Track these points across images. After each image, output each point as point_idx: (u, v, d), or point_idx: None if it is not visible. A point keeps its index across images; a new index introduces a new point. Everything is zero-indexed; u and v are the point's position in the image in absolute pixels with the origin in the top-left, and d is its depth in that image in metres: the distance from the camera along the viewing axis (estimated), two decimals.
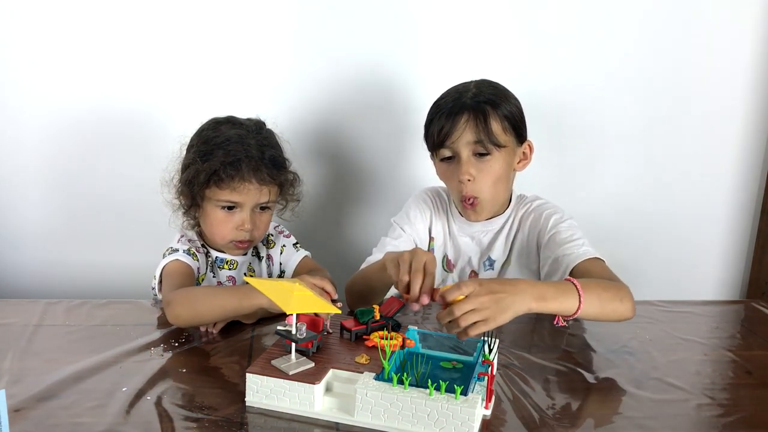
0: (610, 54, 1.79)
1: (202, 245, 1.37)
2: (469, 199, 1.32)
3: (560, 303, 1.03)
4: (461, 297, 0.96)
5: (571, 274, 1.22)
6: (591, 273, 1.19)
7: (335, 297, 1.08)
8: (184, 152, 1.35)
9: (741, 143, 1.91)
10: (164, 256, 1.30)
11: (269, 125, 1.38)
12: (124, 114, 1.68)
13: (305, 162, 1.55)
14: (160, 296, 1.31)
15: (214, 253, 1.38)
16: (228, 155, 1.25)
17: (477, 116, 1.28)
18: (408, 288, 1.04)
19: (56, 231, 1.74)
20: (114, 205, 1.73)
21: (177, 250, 1.30)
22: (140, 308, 1.27)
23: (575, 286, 1.04)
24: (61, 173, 1.70)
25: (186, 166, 1.31)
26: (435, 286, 1.44)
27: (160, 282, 1.28)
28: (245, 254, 1.41)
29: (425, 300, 1.03)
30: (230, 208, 1.29)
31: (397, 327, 1.08)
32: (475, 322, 0.95)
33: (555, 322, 1.08)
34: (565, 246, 1.28)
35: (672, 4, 1.78)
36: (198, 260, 1.32)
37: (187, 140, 1.36)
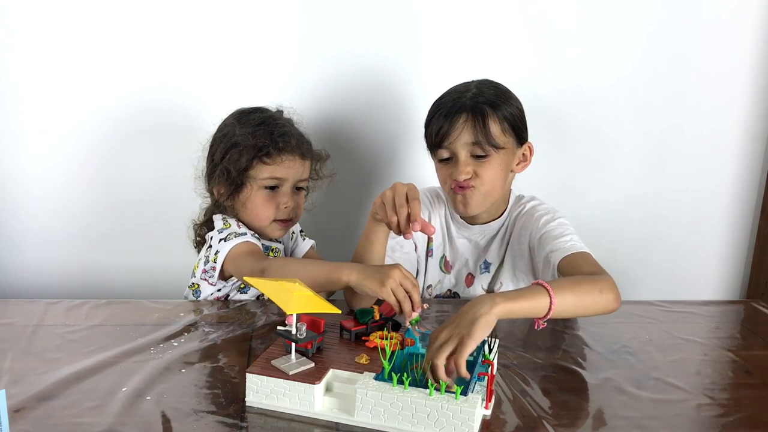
0: (612, 56, 1.79)
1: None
2: (461, 186, 1.30)
3: (529, 301, 0.99)
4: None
5: (558, 268, 1.21)
6: (576, 266, 1.19)
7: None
8: (208, 147, 1.38)
9: (741, 143, 1.91)
10: (226, 239, 1.29)
11: None
12: (124, 114, 1.67)
13: None
14: (221, 284, 1.32)
15: (261, 241, 1.37)
16: (276, 129, 1.30)
17: (476, 117, 1.27)
18: (399, 227, 1.09)
19: (56, 231, 1.74)
20: (114, 206, 1.73)
21: (245, 234, 1.30)
22: (140, 308, 1.27)
23: (542, 285, 1.02)
24: (61, 173, 1.70)
25: (224, 153, 1.32)
26: (434, 285, 1.46)
27: (214, 267, 1.30)
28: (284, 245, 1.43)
29: (416, 227, 1.06)
30: (273, 188, 1.32)
31: (397, 327, 1.09)
32: (452, 352, 0.89)
33: (536, 327, 1.05)
34: (553, 243, 1.27)
35: (674, 7, 1.77)
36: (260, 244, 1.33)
37: (202, 138, 1.38)
